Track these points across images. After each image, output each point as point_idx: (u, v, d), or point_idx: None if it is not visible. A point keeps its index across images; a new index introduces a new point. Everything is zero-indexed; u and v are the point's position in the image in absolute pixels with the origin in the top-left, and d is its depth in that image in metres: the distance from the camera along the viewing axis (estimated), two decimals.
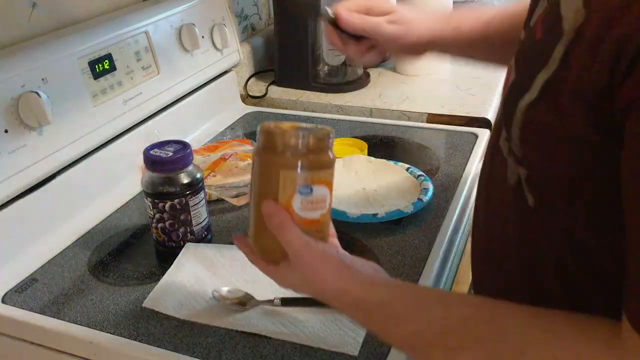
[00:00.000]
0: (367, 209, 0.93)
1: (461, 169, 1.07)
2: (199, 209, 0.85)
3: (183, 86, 1.19)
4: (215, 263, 0.82)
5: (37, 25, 0.97)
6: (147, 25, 1.10)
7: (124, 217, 0.98)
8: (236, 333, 0.71)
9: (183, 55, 1.19)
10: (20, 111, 0.84)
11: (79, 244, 0.91)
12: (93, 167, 0.99)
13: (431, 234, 0.89)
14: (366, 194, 0.98)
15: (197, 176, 0.84)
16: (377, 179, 1.01)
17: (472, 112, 1.26)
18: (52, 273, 0.84)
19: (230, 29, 1.32)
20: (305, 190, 0.59)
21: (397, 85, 1.43)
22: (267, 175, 0.60)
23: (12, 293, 0.81)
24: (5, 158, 0.83)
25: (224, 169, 1.05)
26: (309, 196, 0.59)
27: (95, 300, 0.78)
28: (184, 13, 1.19)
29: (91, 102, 0.97)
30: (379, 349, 0.68)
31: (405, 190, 0.99)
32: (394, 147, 1.18)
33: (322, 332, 0.71)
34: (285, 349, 0.69)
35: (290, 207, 0.59)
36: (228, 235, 0.91)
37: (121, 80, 1.03)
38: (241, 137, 1.23)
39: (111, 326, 0.74)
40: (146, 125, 1.10)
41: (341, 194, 0.96)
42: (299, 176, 0.58)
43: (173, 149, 0.83)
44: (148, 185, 0.83)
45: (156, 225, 0.84)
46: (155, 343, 0.71)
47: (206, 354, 0.69)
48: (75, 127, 0.94)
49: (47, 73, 0.89)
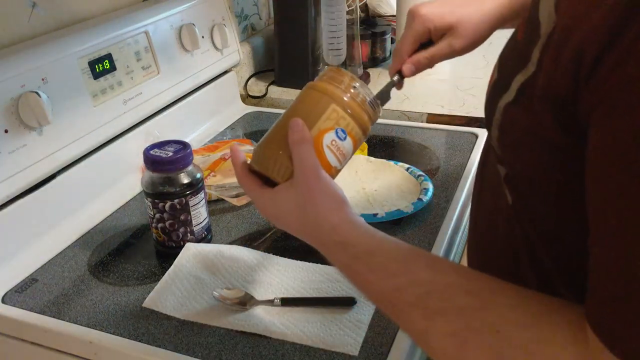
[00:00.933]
0: (367, 209, 0.93)
1: (461, 169, 1.07)
2: (199, 209, 0.85)
3: (183, 86, 1.19)
4: (215, 263, 0.82)
5: (37, 25, 0.97)
6: (147, 25, 1.10)
7: (124, 217, 0.98)
8: (236, 333, 0.72)
9: (183, 55, 1.19)
10: (20, 111, 0.84)
11: (79, 244, 0.91)
12: (93, 167, 0.99)
13: (431, 234, 0.89)
14: (366, 194, 0.98)
15: (197, 176, 0.84)
16: (377, 179, 1.01)
17: (472, 112, 1.26)
18: (52, 273, 0.84)
19: (230, 29, 1.32)
20: (341, 134, 0.61)
21: None
22: (316, 101, 0.61)
23: (12, 293, 0.81)
24: (5, 158, 0.83)
25: (224, 169, 1.05)
26: (340, 141, 0.61)
27: (95, 300, 0.78)
28: (184, 13, 1.19)
29: (91, 102, 0.97)
30: (379, 349, 0.68)
31: (405, 190, 0.99)
32: (394, 147, 1.18)
33: (322, 332, 0.71)
34: (285, 349, 0.69)
35: (320, 138, 0.60)
36: (228, 235, 0.91)
37: (121, 80, 1.03)
38: (241, 137, 1.23)
39: (111, 326, 0.74)
40: (146, 125, 1.10)
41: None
42: (345, 118, 0.61)
43: (173, 149, 0.83)
44: (148, 185, 0.83)
45: (156, 225, 0.84)
46: (155, 343, 0.71)
47: (206, 354, 0.69)
48: (75, 127, 0.94)
49: (47, 73, 0.89)
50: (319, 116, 0.60)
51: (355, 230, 0.55)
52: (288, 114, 0.61)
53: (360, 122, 0.62)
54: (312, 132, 0.59)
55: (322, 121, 0.60)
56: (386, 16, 1.76)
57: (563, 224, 0.50)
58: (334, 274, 0.80)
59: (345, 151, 0.62)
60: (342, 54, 1.42)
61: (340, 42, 1.40)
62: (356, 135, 0.62)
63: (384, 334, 0.70)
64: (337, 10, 1.37)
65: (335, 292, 0.77)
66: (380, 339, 0.70)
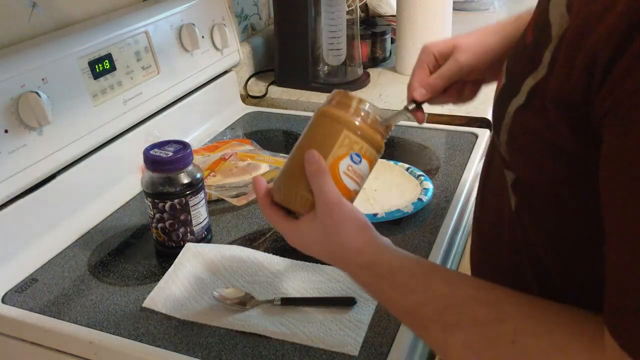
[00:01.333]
0: (367, 209, 0.93)
1: (461, 169, 1.07)
2: (199, 209, 0.85)
3: (183, 86, 1.19)
4: (215, 263, 0.82)
5: (37, 25, 0.97)
6: (147, 25, 1.10)
7: (124, 217, 0.98)
8: (236, 333, 0.72)
9: (183, 55, 1.19)
10: (20, 111, 0.84)
11: (79, 244, 0.91)
12: (93, 167, 0.99)
13: (431, 234, 0.89)
14: (366, 194, 0.98)
15: (197, 176, 0.84)
16: (377, 179, 1.01)
17: (472, 112, 1.26)
18: (52, 273, 0.84)
19: (230, 29, 1.32)
20: (356, 158, 0.62)
21: (397, 85, 1.43)
22: (328, 130, 0.62)
23: (12, 293, 0.81)
24: (5, 158, 0.83)
25: (224, 169, 1.05)
26: (356, 165, 0.62)
27: (95, 300, 0.78)
28: (184, 13, 1.19)
29: (91, 102, 0.97)
30: (379, 349, 0.68)
31: (405, 190, 0.99)
32: (394, 147, 1.18)
33: (322, 332, 0.71)
34: (285, 349, 0.69)
35: (336, 166, 0.61)
36: (228, 235, 0.91)
37: (121, 80, 1.03)
38: (241, 137, 1.23)
39: (111, 326, 0.74)
40: (146, 125, 1.10)
41: None
42: (358, 142, 0.62)
43: (173, 149, 0.83)
44: (148, 185, 0.83)
45: (156, 225, 0.84)
46: (155, 343, 0.71)
47: (206, 354, 0.69)
48: (75, 127, 0.94)
49: (47, 73, 0.89)
50: (332, 144, 0.61)
51: (377, 251, 0.57)
52: (302, 145, 0.62)
53: (373, 143, 0.63)
54: (328, 161, 0.60)
55: (336, 149, 0.61)
56: (386, 16, 1.76)
57: (567, 228, 0.50)
58: (334, 274, 0.80)
59: (362, 173, 0.63)
60: (342, 54, 1.42)
61: (340, 42, 1.40)
62: (371, 156, 0.63)
63: (384, 334, 0.70)
64: (337, 10, 1.37)
65: (335, 292, 0.77)
66: (380, 339, 0.70)
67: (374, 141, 0.62)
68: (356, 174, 0.62)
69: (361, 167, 0.62)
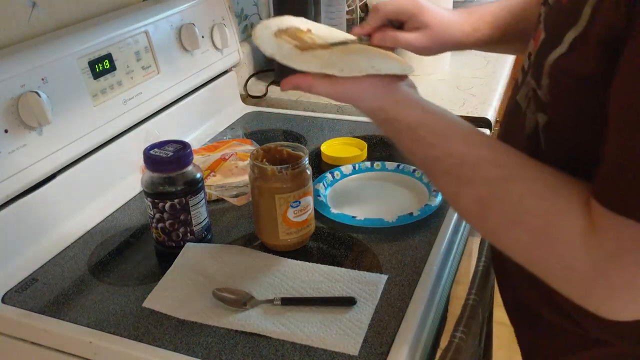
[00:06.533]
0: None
1: None
2: (199, 209, 0.85)
3: (183, 86, 1.19)
4: (215, 263, 0.82)
5: (37, 25, 0.97)
6: (147, 25, 1.10)
7: (124, 217, 0.98)
8: (236, 333, 0.72)
9: (183, 55, 1.19)
10: (20, 111, 0.84)
11: (79, 244, 0.91)
12: (93, 167, 0.99)
13: (431, 234, 0.89)
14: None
15: (197, 176, 0.84)
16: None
17: (472, 112, 1.26)
18: (52, 273, 0.84)
19: (230, 28, 1.32)
20: (295, 204, 0.81)
21: None
22: (266, 197, 0.81)
23: (12, 293, 0.81)
24: (5, 158, 0.83)
25: (224, 169, 1.05)
26: (299, 207, 0.81)
27: (95, 300, 0.78)
28: (184, 13, 1.19)
29: (91, 102, 0.97)
30: (379, 349, 0.68)
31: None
32: (394, 147, 1.18)
33: (322, 332, 0.71)
34: (285, 349, 0.69)
35: (285, 216, 0.81)
36: (228, 235, 0.91)
37: (121, 80, 1.04)
38: (241, 137, 1.22)
39: (111, 326, 0.74)
40: (146, 125, 1.10)
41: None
42: (290, 196, 0.80)
43: (173, 149, 0.83)
44: (148, 185, 0.83)
45: (156, 225, 0.84)
46: (155, 343, 0.71)
47: (206, 354, 0.69)
48: (75, 127, 0.94)
49: (47, 73, 0.89)
50: (274, 206, 0.81)
51: (396, 109, 0.64)
52: (257, 208, 0.84)
53: (300, 184, 0.80)
54: (278, 219, 0.81)
55: (278, 209, 0.81)
56: None
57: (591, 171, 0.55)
58: (334, 274, 0.80)
59: (307, 204, 0.82)
60: None
61: None
62: (305, 190, 0.81)
63: (384, 334, 0.70)
64: (337, 10, 1.37)
65: (335, 292, 0.77)
66: (380, 339, 0.70)
67: (299, 183, 0.80)
68: (302, 210, 0.82)
69: (303, 204, 0.81)
